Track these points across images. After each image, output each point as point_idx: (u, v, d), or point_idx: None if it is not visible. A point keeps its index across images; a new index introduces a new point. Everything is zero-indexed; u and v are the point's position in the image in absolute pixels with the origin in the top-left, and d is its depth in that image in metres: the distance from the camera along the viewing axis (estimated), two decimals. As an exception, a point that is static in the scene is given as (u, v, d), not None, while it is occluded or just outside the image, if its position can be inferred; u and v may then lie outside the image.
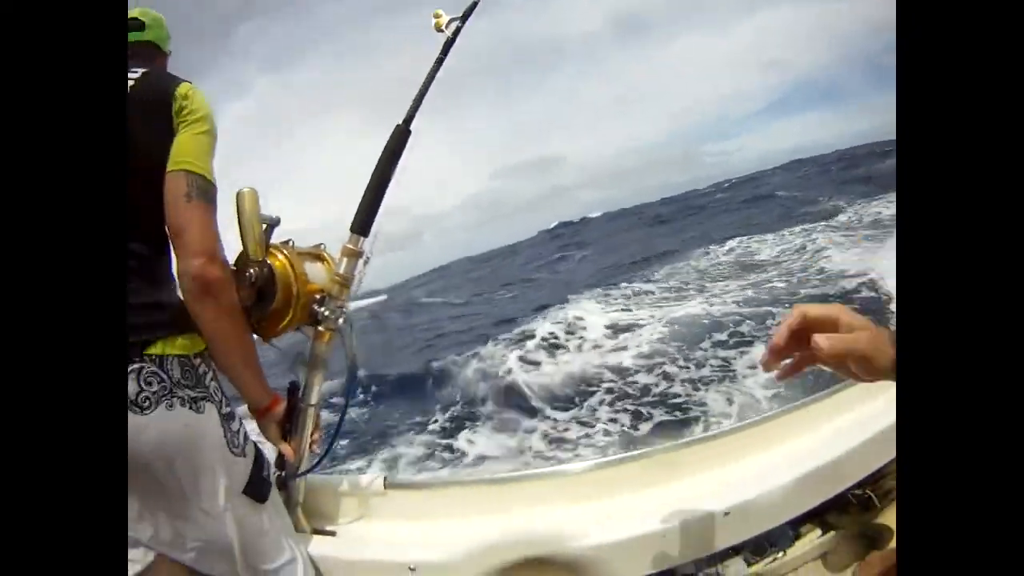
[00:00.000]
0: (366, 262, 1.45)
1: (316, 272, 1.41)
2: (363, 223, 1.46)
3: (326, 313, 1.37)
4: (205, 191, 1.30)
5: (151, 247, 1.34)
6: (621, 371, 7.96)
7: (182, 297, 1.30)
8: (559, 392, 7.70)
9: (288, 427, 1.48)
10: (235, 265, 1.36)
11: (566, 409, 7.22)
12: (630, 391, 7.27)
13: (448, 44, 1.74)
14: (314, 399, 1.45)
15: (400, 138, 1.57)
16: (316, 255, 1.45)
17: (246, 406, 1.45)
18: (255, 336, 1.41)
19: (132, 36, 1.52)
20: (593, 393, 7.43)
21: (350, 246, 1.46)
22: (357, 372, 1.43)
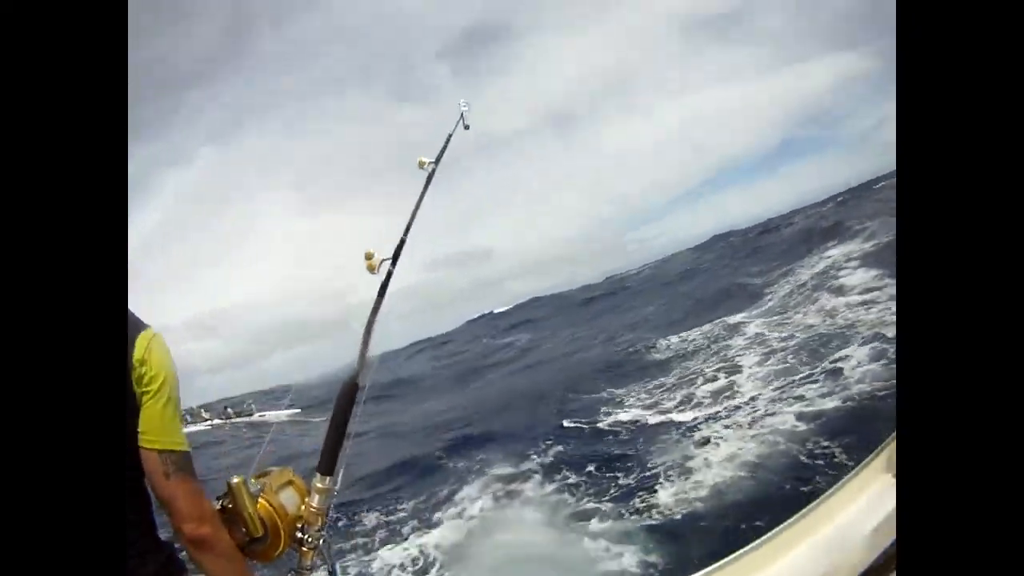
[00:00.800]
0: (334, 495, 1.70)
1: (290, 498, 1.65)
2: (328, 465, 1.70)
3: (308, 539, 1.62)
4: (180, 464, 1.43)
5: (135, 513, 1.45)
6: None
7: (186, 549, 1.47)
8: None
9: None
10: (228, 510, 1.54)
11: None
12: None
13: (427, 182, 1.99)
14: None
15: (350, 394, 1.75)
16: (288, 481, 1.68)
17: None
18: (252, 561, 1.64)
19: None
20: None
21: (319, 485, 1.68)
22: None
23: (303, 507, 1.65)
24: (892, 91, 0.90)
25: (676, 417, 8.89)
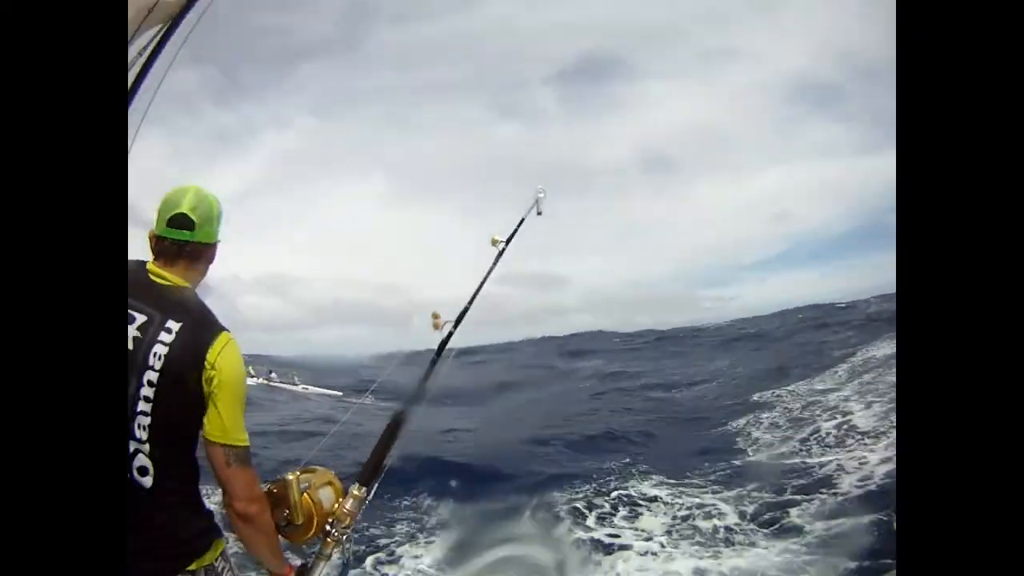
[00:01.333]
0: (367, 503, 1.96)
1: (327, 495, 1.89)
2: (367, 477, 1.96)
3: (335, 533, 1.88)
4: (240, 456, 1.65)
5: (186, 484, 1.69)
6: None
7: (230, 519, 1.71)
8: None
9: None
10: (274, 495, 1.79)
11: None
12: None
13: (497, 259, 2.26)
14: None
15: (398, 423, 2.04)
16: (328, 482, 1.92)
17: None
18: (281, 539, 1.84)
19: (183, 235, 1.67)
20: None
21: (356, 492, 1.93)
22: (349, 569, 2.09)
23: (336, 506, 1.90)
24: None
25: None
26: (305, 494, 1.81)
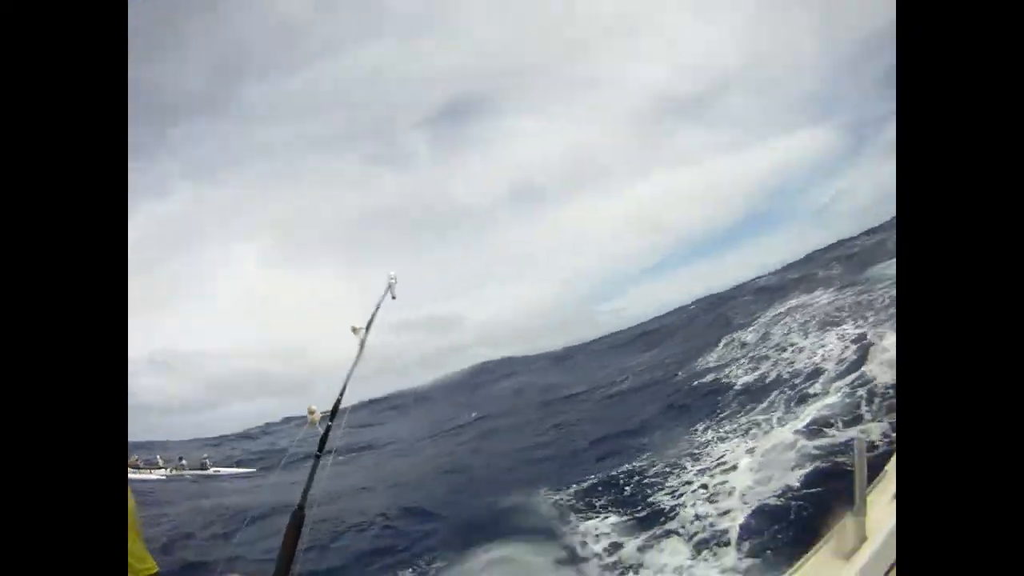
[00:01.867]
0: None
1: None
2: None
3: None
4: None
5: None
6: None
7: None
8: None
9: None
10: None
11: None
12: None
13: (360, 347, 2.37)
14: None
15: (298, 523, 2.05)
16: None
17: None
18: None
19: None
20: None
21: None
22: None
23: None
24: (846, 168, 0.90)
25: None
26: None
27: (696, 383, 12.60)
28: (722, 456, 7.68)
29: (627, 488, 7.79)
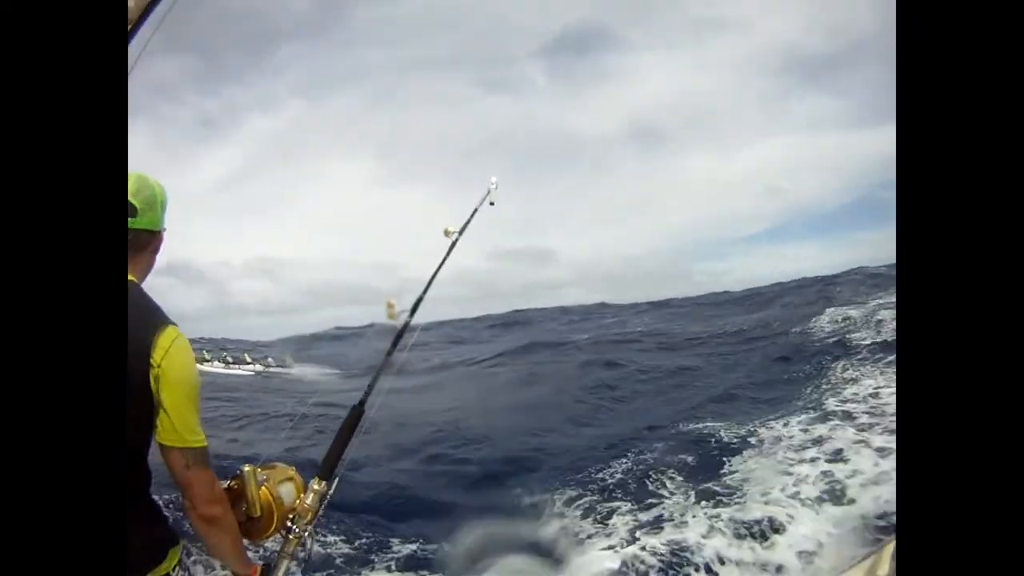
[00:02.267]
0: (328, 498, 1.93)
1: (288, 491, 1.87)
2: (326, 471, 1.95)
3: (296, 529, 1.86)
4: (198, 457, 1.58)
5: (138, 491, 1.63)
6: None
7: (192, 523, 1.65)
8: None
9: None
10: (233, 490, 1.77)
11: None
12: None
13: (449, 250, 2.24)
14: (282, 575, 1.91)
15: (356, 417, 2.03)
16: (289, 478, 1.90)
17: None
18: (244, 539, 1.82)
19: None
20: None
21: (316, 487, 1.91)
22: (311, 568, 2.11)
23: (298, 502, 1.88)
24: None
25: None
26: (264, 488, 1.79)
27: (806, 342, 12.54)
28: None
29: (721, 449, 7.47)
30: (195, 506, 1.60)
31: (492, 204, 2.33)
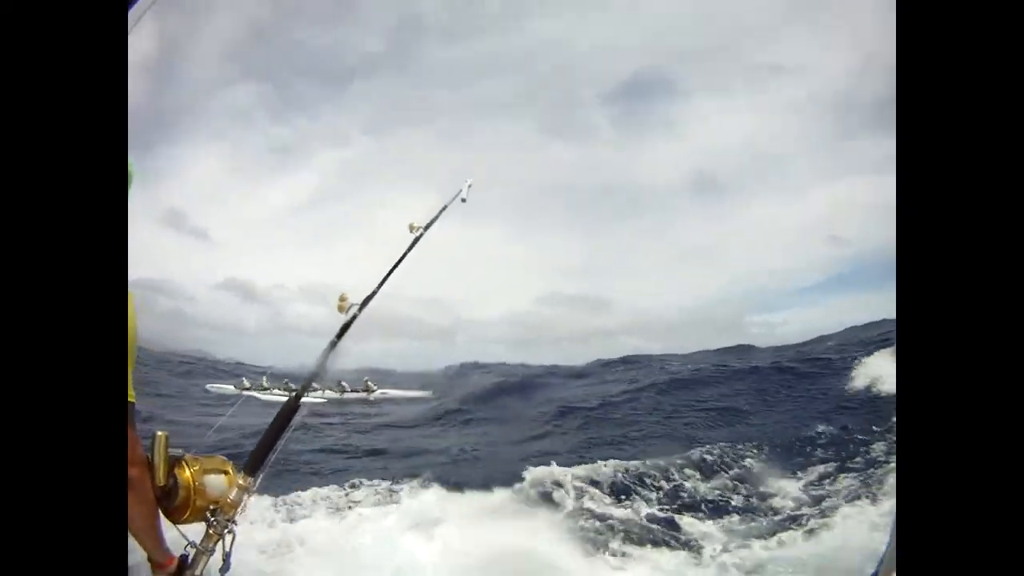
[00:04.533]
0: (251, 494, 1.85)
1: (217, 482, 1.80)
2: (252, 466, 1.87)
3: (215, 522, 1.78)
4: None
5: None
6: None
7: None
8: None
9: None
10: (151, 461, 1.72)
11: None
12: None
13: (412, 244, 2.21)
14: (198, 571, 1.82)
15: (291, 410, 1.94)
16: (222, 469, 1.83)
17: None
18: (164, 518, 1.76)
19: None
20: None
21: (240, 482, 1.83)
22: (229, 569, 1.85)
23: (224, 496, 1.81)
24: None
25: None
26: (188, 469, 1.74)
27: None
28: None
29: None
30: None
31: (464, 201, 2.34)
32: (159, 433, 1.70)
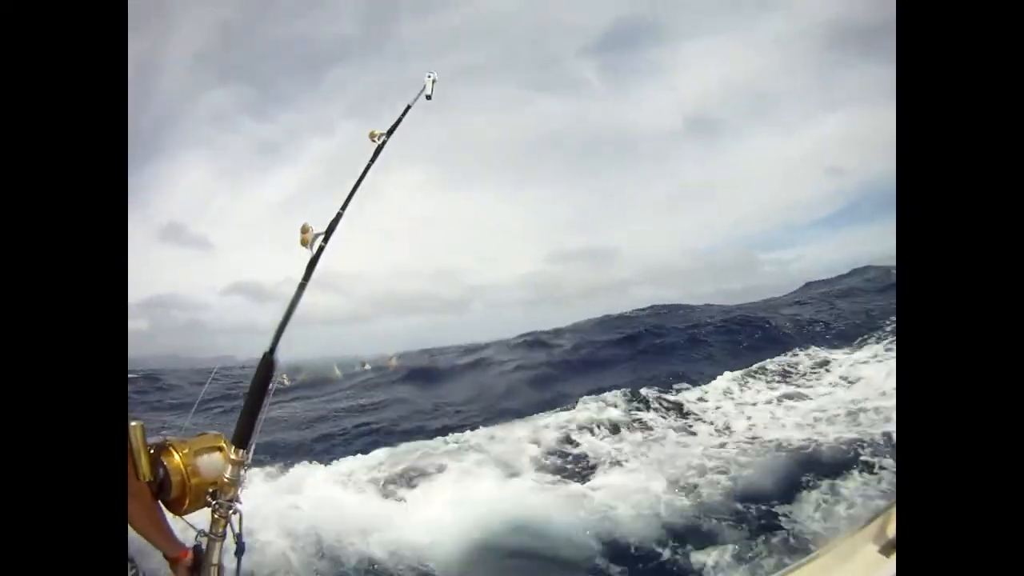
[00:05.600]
0: (247, 467, 1.72)
1: (213, 462, 1.68)
2: (242, 438, 1.72)
3: (217, 505, 1.67)
4: None
5: None
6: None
7: None
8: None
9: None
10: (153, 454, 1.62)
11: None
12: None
13: (375, 155, 1.99)
14: (214, 560, 1.74)
15: (267, 368, 1.76)
16: (215, 447, 1.71)
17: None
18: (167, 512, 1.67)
19: None
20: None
21: (233, 456, 1.70)
22: (244, 551, 1.79)
23: (220, 475, 1.67)
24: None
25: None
26: (177, 455, 1.62)
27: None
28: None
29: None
30: None
31: (429, 98, 2.07)
32: (133, 424, 1.56)
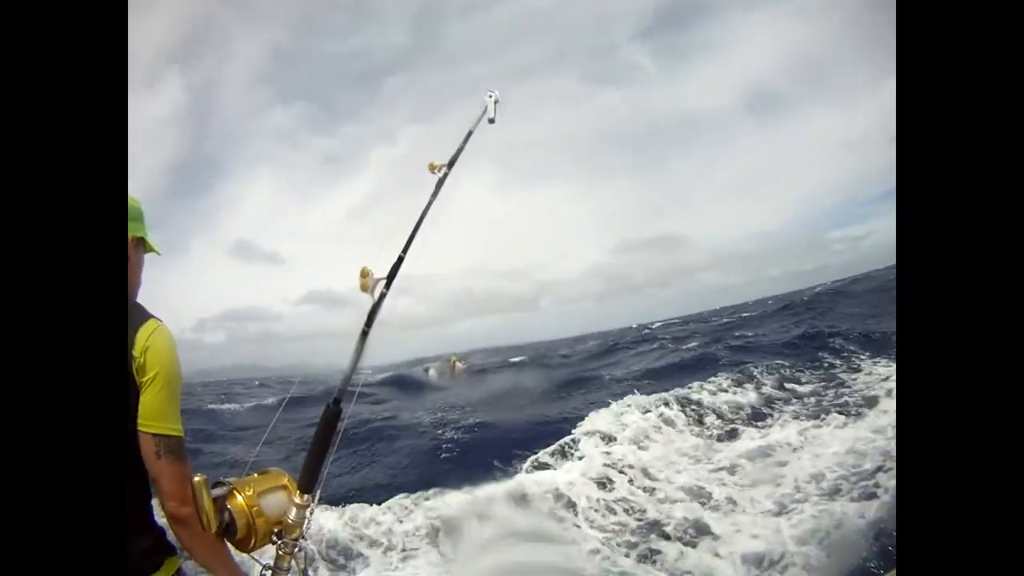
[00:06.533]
0: (311, 512, 1.76)
1: (277, 501, 1.72)
2: (307, 483, 1.76)
3: (282, 544, 1.71)
4: (171, 448, 1.55)
5: (136, 496, 1.58)
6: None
7: (168, 523, 1.60)
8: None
9: None
10: (219, 499, 1.66)
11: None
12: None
13: (436, 188, 1.92)
14: None
15: (333, 418, 1.79)
16: (281, 486, 1.75)
17: None
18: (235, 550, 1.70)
19: None
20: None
21: (298, 501, 1.74)
22: None
23: (285, 514, 1.71)
24: None
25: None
26: (241, 496, 1.66)
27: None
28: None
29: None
30: (164, 502, 1.54)
31: (492, 121, 1.93)
32: (197, 479, 1.59)
